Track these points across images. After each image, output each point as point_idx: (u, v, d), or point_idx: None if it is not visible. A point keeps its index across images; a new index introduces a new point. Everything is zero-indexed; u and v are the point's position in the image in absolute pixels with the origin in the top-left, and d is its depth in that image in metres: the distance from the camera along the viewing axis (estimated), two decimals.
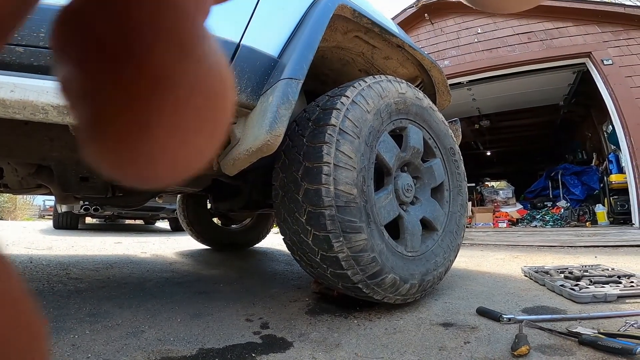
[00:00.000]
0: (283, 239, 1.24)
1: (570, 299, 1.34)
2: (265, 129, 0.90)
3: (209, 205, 2.83)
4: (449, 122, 1.72)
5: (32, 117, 0.62)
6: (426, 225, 1.43)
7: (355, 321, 1.19)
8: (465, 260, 2.57)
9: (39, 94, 0.61)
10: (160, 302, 1.40)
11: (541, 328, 1.04)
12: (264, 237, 3.55)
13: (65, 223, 5.92)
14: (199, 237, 3.19)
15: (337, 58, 1.51)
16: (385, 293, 1.19)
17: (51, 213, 6.98)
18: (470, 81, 5.26)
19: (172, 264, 2.39)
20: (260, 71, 1.00)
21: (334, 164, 1.05)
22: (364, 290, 1.14)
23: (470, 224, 5.01)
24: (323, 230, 1.05)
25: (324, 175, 1.04)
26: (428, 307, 1.33)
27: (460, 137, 1.89)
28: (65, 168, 1.25)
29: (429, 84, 1.79)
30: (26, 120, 0.96)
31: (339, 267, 1.09)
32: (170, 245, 3.69)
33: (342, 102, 1.12)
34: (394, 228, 1.30)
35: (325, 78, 1.64)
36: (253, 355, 0.93)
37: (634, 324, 0.98)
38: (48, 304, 1.30)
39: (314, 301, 1.45)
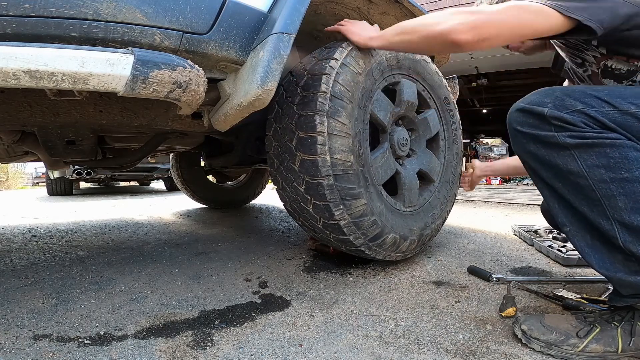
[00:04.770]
0: (284, 205, 1.25)
1: (556, 261, 1.38)
2: (256, 83, 0.88)
3: (203, 163, 2.80)
4: (446, 79, 1.68)
5: (4, 83, 0.59)
6: (423, 177, 1.43)
7: (351, 279, 1.22)
8: (458, 216, 2.63)
9: (7, 60, 0.58)
10: (160, 265, 1.43)
11: (528, 290, 1.08)
12: (259, 193, 3.57)
13: (60, 189, 5.90)
14: (195, 196, 3.20)
15: (331, 13, 1.42)
16: (386, 252, 1.23)
17: (44, 180, 6.93)
18: None
19: (170, 225, 2.42)
20: (249, 27, 0.95)
21: (328, 133, 1.03)
22: (367, 252, 1.19)
23: None
24: (323, 200, 1.06)
25: (319, 146, 1.02)
26: (421, 264, 1.37)
27: (458, 93, 1.85)
28: (49, 132, 1.22)
29: None
30: (1, 88, 0.91)
31: (341, 233, 1.11)
32: (167, 206, 3.72)
33: (331, 66, 1.07)
34: (391, 180, 1.30)
35: (318, 34, 1.55)
36: (253, 315, 0.96)
37: None
38: (52, 274, 1.32)
39: (311, 258, 1.48)
